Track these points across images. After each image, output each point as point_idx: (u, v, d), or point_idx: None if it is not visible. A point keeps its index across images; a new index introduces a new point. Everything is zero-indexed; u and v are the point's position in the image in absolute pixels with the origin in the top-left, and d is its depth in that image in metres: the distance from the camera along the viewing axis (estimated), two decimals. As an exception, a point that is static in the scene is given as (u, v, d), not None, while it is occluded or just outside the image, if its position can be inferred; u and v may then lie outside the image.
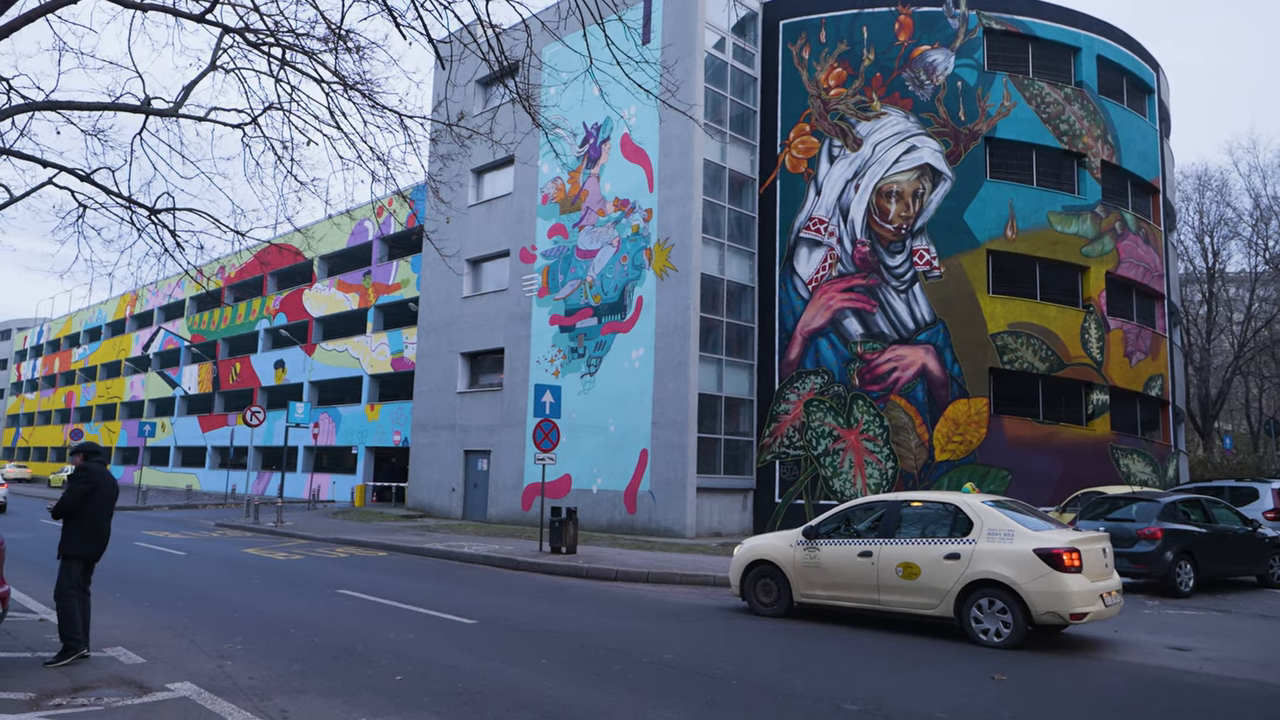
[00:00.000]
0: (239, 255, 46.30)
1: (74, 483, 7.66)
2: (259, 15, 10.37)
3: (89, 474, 7.73)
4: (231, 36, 10.87)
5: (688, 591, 13.71)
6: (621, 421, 24.67)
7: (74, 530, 7.65)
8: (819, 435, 24.17)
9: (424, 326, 32.52)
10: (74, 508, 7.60)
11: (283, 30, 10.55)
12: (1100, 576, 9.51)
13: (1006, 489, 22.13)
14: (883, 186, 24.19)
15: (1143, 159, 27.02)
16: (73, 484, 7.65)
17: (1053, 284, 24.37)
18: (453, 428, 30.27)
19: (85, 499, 7.64)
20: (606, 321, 25.55)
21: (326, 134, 11.40)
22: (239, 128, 11.85)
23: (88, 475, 7.72)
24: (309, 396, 42.49)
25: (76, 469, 7.81)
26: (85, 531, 7.65)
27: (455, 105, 12.18)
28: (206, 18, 10.21)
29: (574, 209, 27.07)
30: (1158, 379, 26.52)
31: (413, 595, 12.11)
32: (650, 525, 23.56)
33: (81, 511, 7.64)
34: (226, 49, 11.45)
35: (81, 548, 7.65)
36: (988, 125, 24.10)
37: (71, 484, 7.67)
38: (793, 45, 26.03)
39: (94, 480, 7.73)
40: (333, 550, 19.05)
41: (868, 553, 10.25)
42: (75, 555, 7.63)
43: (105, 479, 7.85)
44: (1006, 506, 10.12)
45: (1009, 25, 24.81)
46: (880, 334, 23.75)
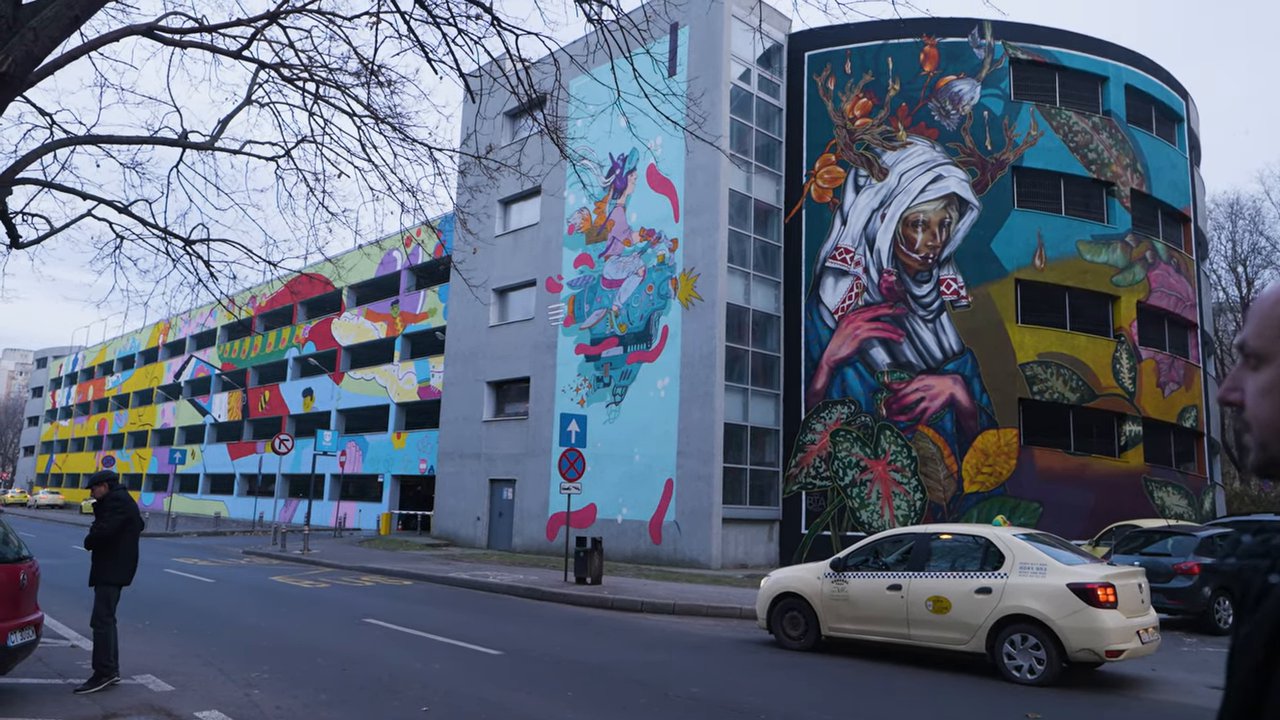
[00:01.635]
0: (270, 285, 46.96)
1: (110, 513, 7.72)
2: (294, 51, 10.61)
3: (123, 504, 7.83)
4: (267, 72, 11.10)
5: (714, 624, 13.56)
6: (647, 451, 24.60)
7: (109, 558, 7.72)
8: (846, 466, 23.95)
9: (450, 355, 32.72)
10: (112, 537, 7.67)
11: (316, 65, 10.78)
12: (1136, 612, 9.31)
13: (1037, 522, 21.76)
14: (909, 216, 24.13)
15: (1173, 187, 26.78)
16: (109, 514, 7.71)
17: (1083, 313, 24.11)
18: (478, 456, 30.33)
19: (122, 528, 7.73)
20: (632, 351, 25.58)
21: (358, 166, 11.58)
22: (273, 160, 12.06)
23: (122, 505, 7.81)
24: (336, 425, 42.81)
25: (107, 499, 7.86)
26: (121, 559, 7.75)
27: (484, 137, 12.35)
28: (243, 54, 10.44)
29: (600, 239, 27.23)
30: (1192, 410, 26.06)
31: (438, 625, 12.08)
32: (675, 556, 23.40)
33: (118, 540, 7.73)
34: (262, 84, 11.70)
35: (118, 575, 7.74)
36: (1015, 154, 24.01)
37: (108, 514, 7.72)
38: (818, 76, 26.16)
39: (128, 510, 7.83)
40: (359, 579, 19.08)
41: (897, 586, 10.10)
42: (113, 582, 7.72)
43: (134, 507, 8.01)
44: (1038, 540, 9.96)
45: (1035, 55, 24.80)
46: (907, 364, 23.57)
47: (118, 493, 7.96)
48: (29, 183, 11.28)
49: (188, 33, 10.01)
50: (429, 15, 8.16)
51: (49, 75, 8.86)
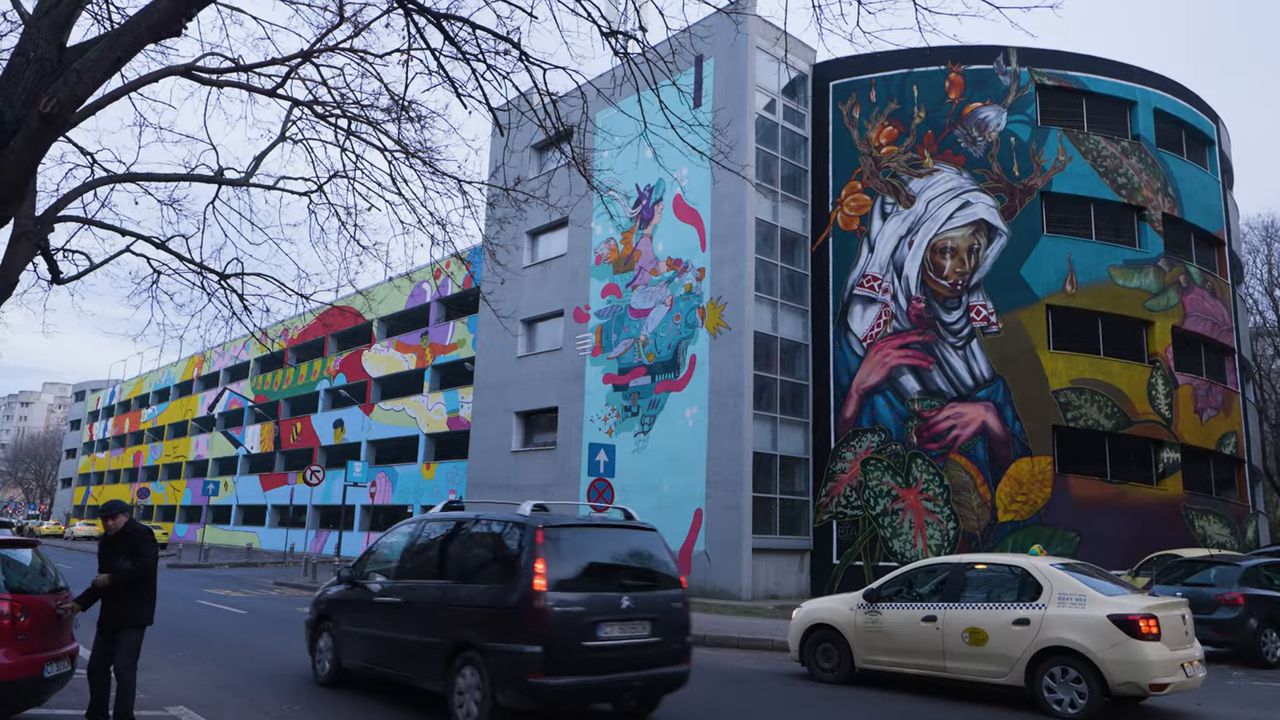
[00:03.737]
0: (301, 317, 47.63)
1: (143, 547, 7.06)
2: (326, 88, 10.84)
3: (151, 536, 7.22)
4: (300, 109, 11.34)
5: (745, 656, 13.40)
6: (675, 481, 24.50)
7: (141, 596, 7.08)
8: (877, 495, 23.69)
9: (479, 386, 32.91)
10: (152, 572, 7.10)
11: (348, 102, 11.00)
12: (1181, 645, 9.08)
13: (1075, 551, 21.35)
14: (937, 243, 24.03)
15: (1205, 211, 26.47)
16: (142, 549, 7.05)
17: (1116, 339, 23.79)
18: (507, 486, 30.35)
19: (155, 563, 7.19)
20: (660, 380, 25.57)
21: (388, 200, 11.76)
22: (305, 195, 12.28)
23: (151, 538, 7.20)
24: (366, 456, 43.11)
25: (128, 531, 7.12)
26: (150, 597, 7.18)
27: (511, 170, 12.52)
28: (277, 92, 10.68)
29: (627, 269, 27.36)
30: (1231, 436, 25.54)
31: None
32: (705, 586, 23.19)
33: (148, 577, 7.12)
34: (295, 121, 11.95)
35: (148, 614, 7.16)
36: (1043, 180, 23.88)
37: (139, 549, 7.04)
38: (843, 105, 26.26)
39: (156, 543, 7.27)
40: (388, 610, 19.06)
41: (932, 617, 9.93)
42: (144, 624, 7.09)
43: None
44: (1076, 570, 9.76)
45: (1062, 81, 24.72)
46: (938, 391, 23.35)
47: (138, 525, 7.27)
48: (70, 220, 11.55)
49: (224, 72, 10.27)
50: (459, 51, 8.31)
51: (90, 115, 9.12)
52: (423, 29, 8.66)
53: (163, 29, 5.20)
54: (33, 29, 5.18)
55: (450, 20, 8.26)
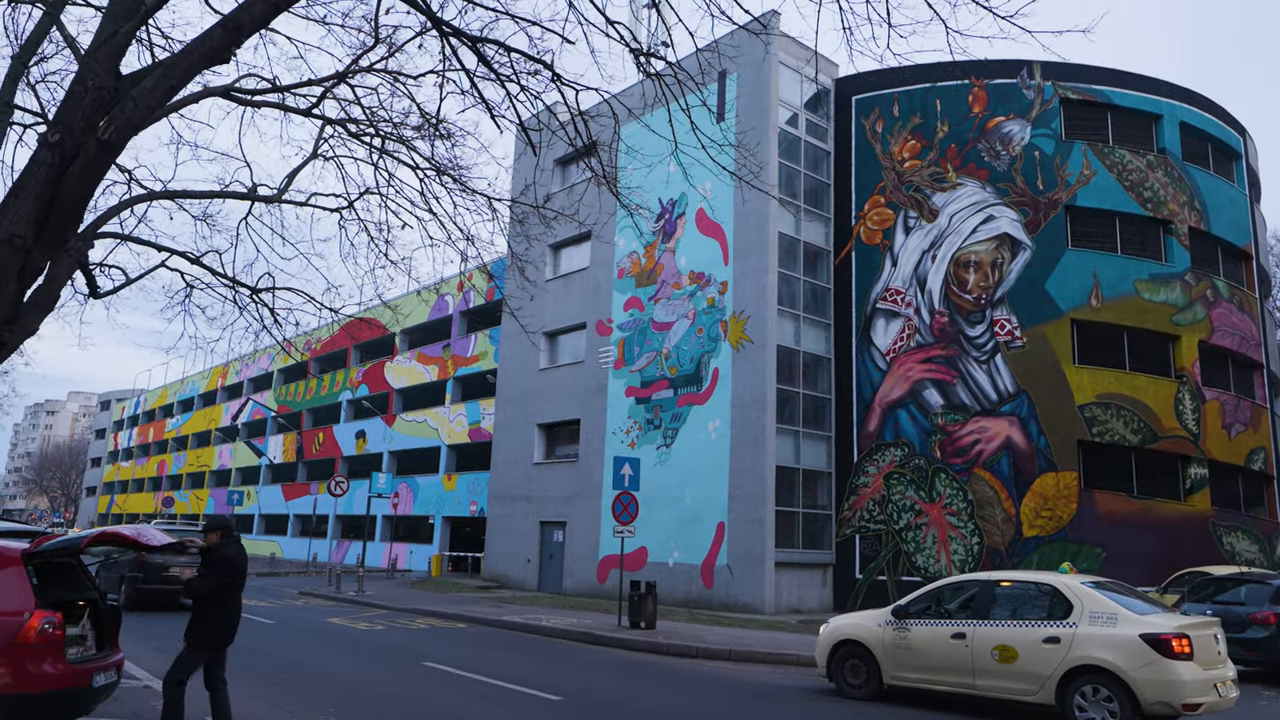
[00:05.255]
0: (327, 328, 48.08)
1: (212, 570, 7.08)
2: (360, 107, 11.04)
3: (229, 564, 7.14)
4: (333, 127, 11.55)
5: (770, 671, 13.40)
6: (697, 494, 24.52)
7: (206, 616, 7.06)
8: (900, 509, 23.60)
9: (501, 398, 33.08)
10: (210, 596, 7.06)
11: (380, 121, 11.19)
12: (1213, 664, 9.02)
13: (1100, 567, 21.16)
14: (960, 257, 23.99)
15: (1233, 225, 26.27)
16: (211, 571, 7.08)
17: (1142, 354, 23.61)
18: (529, 499, 30.47)
19: (223, 589, 7.13)
20: (682, 393, 25.62)
21: (418, 216, 11.94)
22: (336, 211, 12.48)
23: (228, 566, 7.13)
24: (388, 466, 43.39)
25: (214, 553, 7.18)
26: (214, 620, 7.09)
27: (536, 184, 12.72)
28: (312, 112, 10.88)
29: (650, 282, 27.47)
30: (1260, 452, 25.26)
31: (496, 669, 12.11)
32: (728, 600, 23.16)
33: (217, 599, 7.10)
34: (327, 139, 12.17)
35: (207, 636, 7.06)
36: (1067, 194, 23.80)
37: (209, 570, 7.08)
38: (866, 119, 26.30)
39: (233, 571, 7.16)
40: (413, 621, 19.21)
41: (961, 634, 9.92)
42: (201, 645, 7.04)
43: (240, 565, 7.26)
44: (1106, 588, 9.73)
45: (1086, 95, 24.66)
46: (962, 405, 23.26)
47: (227, 550, 7.20)
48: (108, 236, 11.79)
49: (261, 93, 10.48)
50: (493, 73, 8.46)
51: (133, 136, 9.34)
52: (457, 50, 8.83)
53: (215, 57, 5.36)
54: (90, 58, 5.35)
55: (485, 43, 8.41)
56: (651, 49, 8.90)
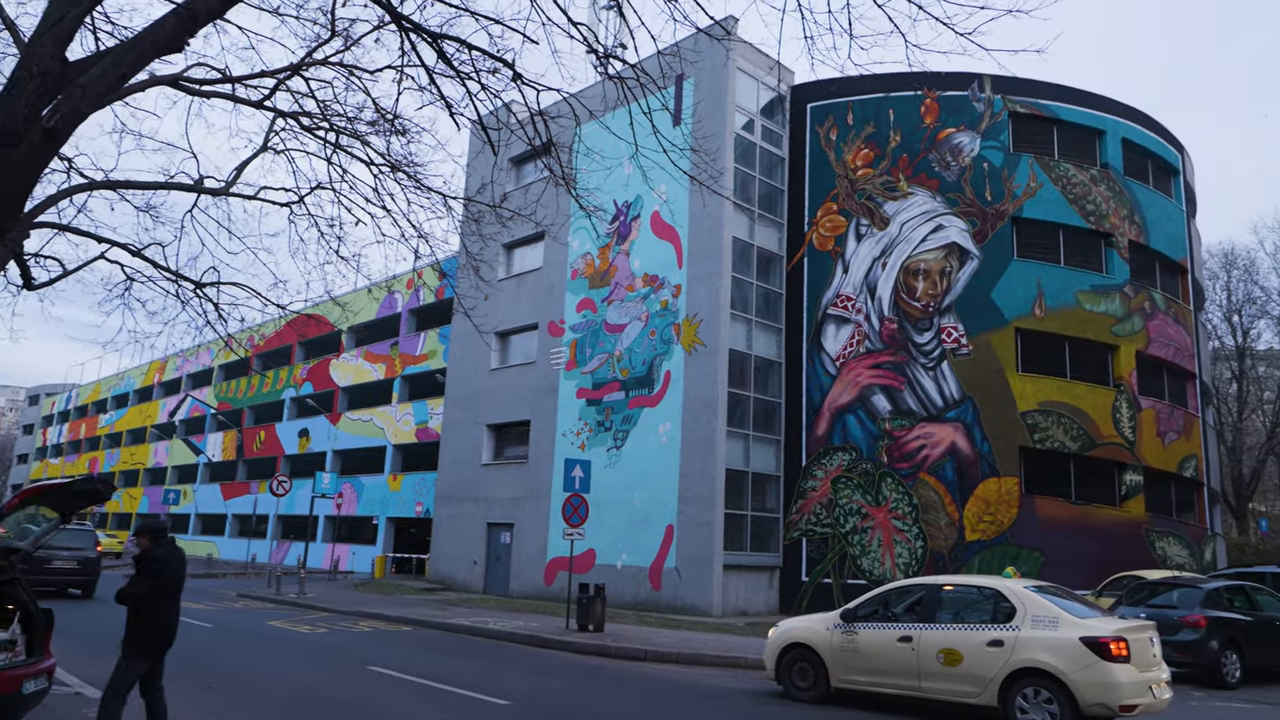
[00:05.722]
0: (272, 324, 47.08)
1: (144, 574, 6.83)
2: (314, 100, 10.81)
3: (162, 568, 6.88)
4: (285, 120, 11.30)
5: (718, 673, 13.45)
6: (647, 496, 24.53)
7: (142, 623, 6.81)
8: (847, 513, 23.89)
9: (450, 398, 32.72)
10: (141, 602, 6.83)
11: (334, 115, 10.98)
12: (1149, 667, 9.29)
13: (1039, 572, 21.67)
14: (910, 265, 24.38)
15: (1170, 239, 27.13)
16: (142, 576, 6.84)
17: (1082, 363, 24.25)
18: (476, 500, 30.19)
19: (155, 595, 6.86)
20: (634, 396, 25.62)
21: (371, 212, 11.75)
22: (287, 206, 12.23)
23: (157, 568, 6.87)
24: (332, 466, 42.63)
25: (142, 556, 6.94)
26: (152, 625, 6.84)
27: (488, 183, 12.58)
28: (263, 104, 10.63)
29: (603, 284, 27.42)
30: (1192, 459, 26.12)
31: (443, 673, 11.96)
32: (675, 603, 23.21)
33: (150, 604, 6.84)
34: (278, 131, 11.91)
35: (150, 643, 6.84)
36: (1014, 205, 24.35)
37: (141, 575, 6.84)
38: (820, 127, 26.60)
39: (164, 574, 6.89)
40: (356, 624, 18.89)
41: (908, 638, 10.07)
42: (143, 653, 6.82)
43: (174, 568, 7.00)
44: (1049, 592, 9.96)
45: (1033, 109, 25.26)
46: (909, 411, 23.64)
47: (160, 552, 6.92)
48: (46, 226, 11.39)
49: (211, 83, 10.21)
50: (453, 70, 8.34)
51: (75, 123, 9.02)
52: (416, 46, 8.69)
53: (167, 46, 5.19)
54: (35, 43, 5.14)
55: (445, 39, 8.30)
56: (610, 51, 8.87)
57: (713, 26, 8.26)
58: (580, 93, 10.74)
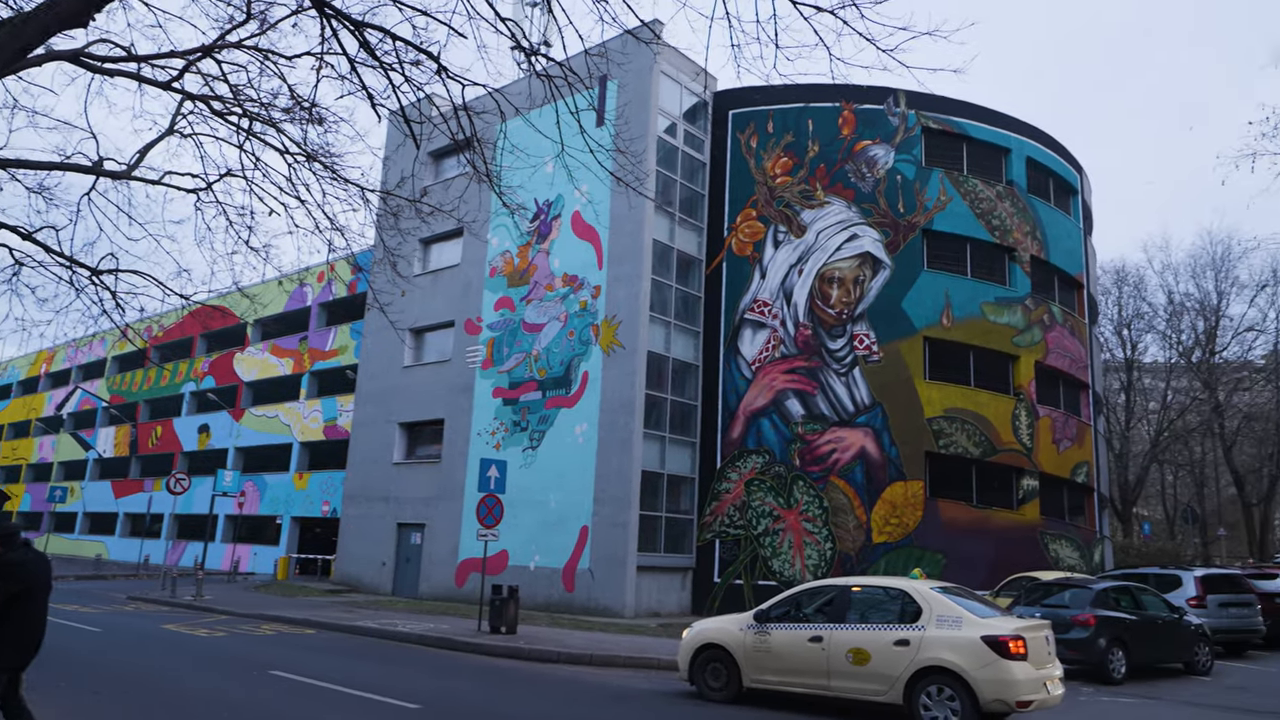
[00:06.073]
0: (173, 315, 45.16)
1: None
2: (227, 84, 10.41)
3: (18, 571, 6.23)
4: (194, 103, 10.85)
5: (631, 674, 13.47)
6: (562, 497, 24.42)
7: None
8: (759, 515, 24.25)
9: (362, 395, 31.95)
10: None
11: (247, 100, 10.59)
12: (1044, 664, 9.68)
13: (941, 572, 22.41)
14: (825, 272, 24.92)
15: (1068, 255, 28.43)
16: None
17: (985, 371, 25.19)
18: (386, 499, 29.54)
19: (13, 601, 6.19)
20: (551, 396, 25.48)
21: (284, 202, 11.39)
22: (193, 192, 11.76)
23: (17, 574, 6.20)
24: (234, 463, 41.11)
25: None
26: (13, 637, 6.20)
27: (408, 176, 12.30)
28: (172, 85, 10.19)
29: (522, 283, 27.19)
30: (1084, 466, 27.41)
31: (349, 677, 11.64)
32: (589, 604, 23.16)
33: (7, 613, 6.18)
34: (186, 114, 11.44)
35: (10, 656, 6.22)
36: (925, 218, 25.14)
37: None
38: (741, 134, 26.95)
39: (24, 580, 6.24)
40: (258, 627, 18.25)
41: (818, 638, 10.26)
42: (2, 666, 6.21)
43: (36, 572, 6.36)
44: (953, 593, 10.29)
45: (945, 125, 26.13)
46: (821, 415, 24.15)
47: (14, 556, 6.25)
48: (-74, 204, 10.69)
49: (115, 61, 9.74)
50: (376, 60, 8.14)
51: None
52: (338, 33, 8.45)
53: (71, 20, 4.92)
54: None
55: (368, 28, 8.09)
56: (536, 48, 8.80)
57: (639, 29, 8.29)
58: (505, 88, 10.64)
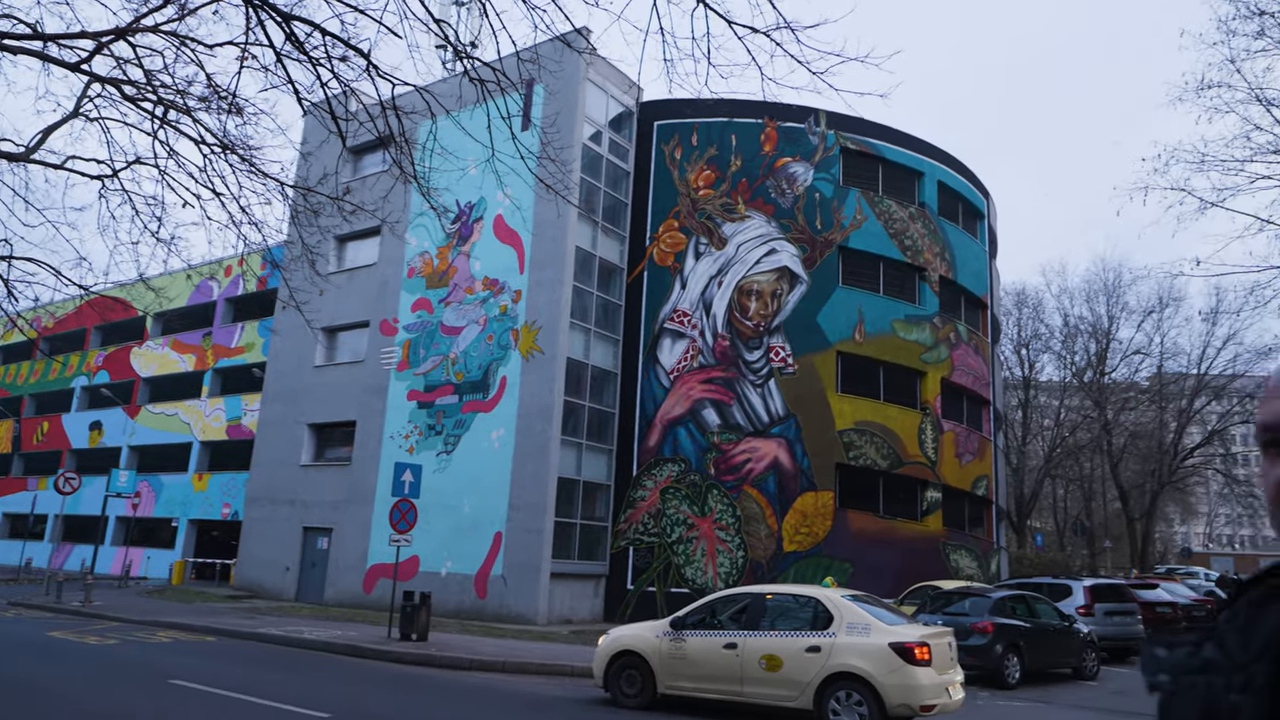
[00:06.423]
0: (66, 305, 42.91)
1: None
2: (141, 69, 10.02)
3: None
4: (104, 86, 10.42)
5: (544, 682, 13.42)
6: (476, 503, 24.15)
7: None
8: (674, 523, 24.45)
9: (269, 394, 30.96)
10: None
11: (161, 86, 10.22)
12: (946, 669, 10.05)
13: (849, 580, 22.98)
14: (744, 285, 25.34)
15: (974, 276, 29.60)
16: None
17: (894, 386, 26.00)
18: (292, 502, 28.67)
19: None
20: (468, 400, 25.18)
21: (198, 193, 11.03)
22: (98, 179, 11.30)
23: None
24: (128, 462, 39.27)
25: None
26: None
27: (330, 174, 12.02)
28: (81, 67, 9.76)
29: (441, 284, 26.82)
30: (984, 479, 28.54)
31: (255, 685, 11.27)
32: (501, 611, 22.94)
33: None
34: (93, 98, 10.99)
35: None
36: (841, 235, 25.83)
37: None
38: (666, 145, 27.21)
39: None
40: (154, 634, 17.48)
41: (733, 644, 10.43)
42: None
43: None
44: (863, 600, 10.60)
45: (863, 146, 26.93)
46: (737, 425, 24.52)
47: None
48: None
49: (19, 39, 9.28)
50: (304, 54, 7.95)
51: None
52: (264, 24, 8.23)
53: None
54: None
55: (296, 21, 7.91)
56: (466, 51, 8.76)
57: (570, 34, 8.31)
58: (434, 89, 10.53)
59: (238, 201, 10.81)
